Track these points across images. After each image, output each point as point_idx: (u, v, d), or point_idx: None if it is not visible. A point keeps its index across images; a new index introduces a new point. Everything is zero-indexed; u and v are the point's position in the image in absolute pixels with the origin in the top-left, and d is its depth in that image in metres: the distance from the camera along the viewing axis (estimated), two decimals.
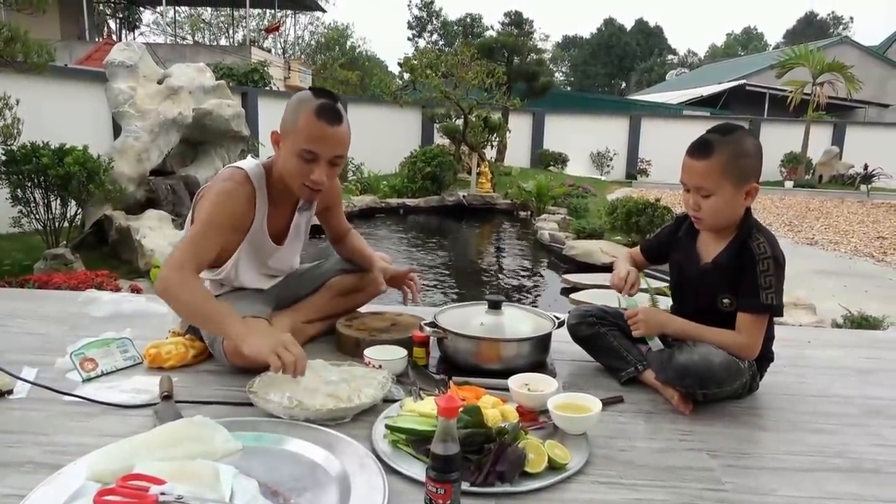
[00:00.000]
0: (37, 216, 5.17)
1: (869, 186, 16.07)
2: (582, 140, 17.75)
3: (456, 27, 38.08)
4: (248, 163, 1.85)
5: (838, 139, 18.36)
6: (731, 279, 1.67)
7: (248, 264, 1.92)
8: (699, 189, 1.65)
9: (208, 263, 1.79)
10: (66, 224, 5.35)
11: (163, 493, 1.07)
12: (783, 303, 1.66)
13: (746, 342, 1.65)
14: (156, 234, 5.59)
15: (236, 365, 1.77)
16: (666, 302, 1.88)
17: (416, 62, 12.85)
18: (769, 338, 1.76)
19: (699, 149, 1.65)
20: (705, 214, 1.67)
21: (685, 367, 1.59)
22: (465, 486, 1.19)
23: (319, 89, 1.79)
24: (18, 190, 5.00)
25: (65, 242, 5.28)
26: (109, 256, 5.71)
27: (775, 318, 1.71)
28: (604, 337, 1.87)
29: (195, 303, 1.66)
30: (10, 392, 1.61)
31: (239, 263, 1.89)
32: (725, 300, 1.69)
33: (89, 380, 1.72)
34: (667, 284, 1.91)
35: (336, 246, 2.23)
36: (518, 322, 1.91)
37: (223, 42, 31.17)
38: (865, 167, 16.60)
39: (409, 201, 10.86)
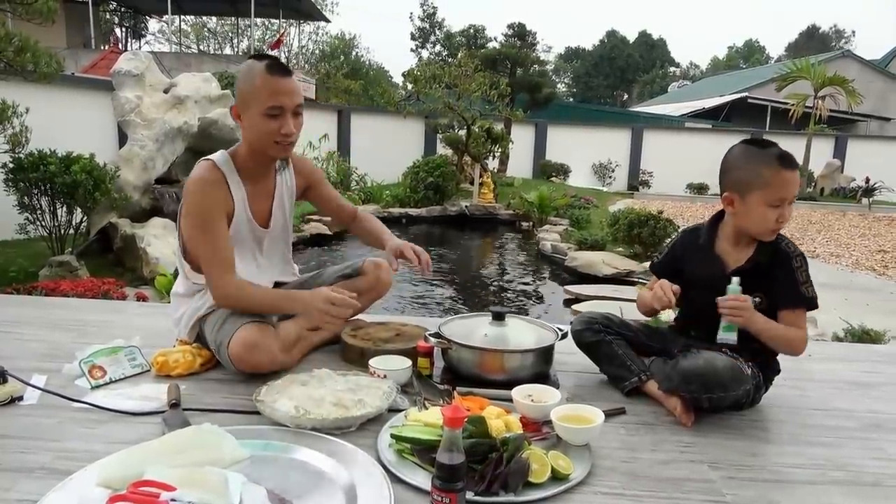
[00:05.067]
0: (43, 223, 5.20)
1: (870, 199, 16.09)
2: (584, 151, 17.82)
3: (459, 38, 38.25)
4: (216, 155, 1.93)
5: (840, 152, 18.41)
6: (767, 279, 1.72)
7: (243, 262, 1.95)
8: (792, 199, 1.68)
9: (232, 256, 1.87)
10: (71, 231, 5.39)
11: (173, 500, 1.09)
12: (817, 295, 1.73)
13: (805, 335, 1.72)
14: (160, 241, 5.62)
15: (242, 371, 1.80)
16: (668, 314, 1.90)
17: (419, 73, 12.93)
18: (774, 351, 1.79)
19: (792, 161, 1.68)
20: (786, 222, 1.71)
21: (690, 372, 1.62)
22: (469, 495, 1.21)
23: (259, 54, 1.92)
24: (25, 197, 5.04)
25: (70, 249, 5.32)
26: (114, 264, 5.74)
27: None
28: (609, 345, 1.88)
29: (257, 304, 1.87)
30: (20, 398, 1.63)
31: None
32: (757, 299, 1.72)
33: (98, 387, 1.74)
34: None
35: (350, 226, 2.28)
36: (521, 333, 1.93)
37: (228, 51, 31.37)
38: (867, 180, 16.63)
39: (412, 211, 10.89)
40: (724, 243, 1.81)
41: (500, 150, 14.01)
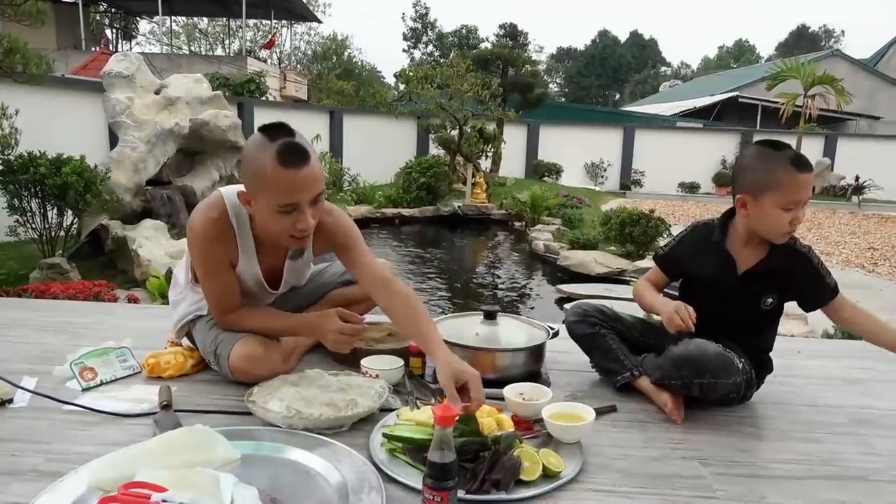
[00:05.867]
0: (33, 225, 5.18)
1: (860, 198, 16.21)
2: (576, 151, 17.85)
3: (451, 39, 38.29)
4: (230, 194, 1.72)
5: (830, 151, 18.53)
6: (782, 280, 1.73)
7: (249, 298, 1.89)
8: (805, 201, 1.68)
9: (237, 294, 1.81)
10: (62, 233, 5.36)
11: (164, 501, 1.09)
12: None
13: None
14: (152, 243, 5.60)
15: (243, 381, 1.76)
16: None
17: (411, 74, 12.93)
18: (769, 349, 1.81)
19: (806, 164, 1.66)
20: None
21: (681, 357, 1.64)
22: (460, 493, 1.21)
23: (271, 127, 1.59)
24: (15, 199, 5.01)
25: (61, 252, 5.29)
26: (105, 266, 5.72)
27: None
28: (603, 338, 1.88)
29: (264, 331, 1.82)
30: (10, 401, 1.63)
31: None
32: (769, 300, 1.74)
33: (88, 389, 1.74)
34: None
35: (379, 300, 1.79)
36: (513, 332, 1.93)
37: (219, 52, 31.27)
38: (857, 179, 16.76)
39: (405, 211, 10.89)
40: (735, 243, 1.79)
41: (492, 150, 14.03)
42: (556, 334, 1.97)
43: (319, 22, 28.57)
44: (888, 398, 1.95)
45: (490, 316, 1.95)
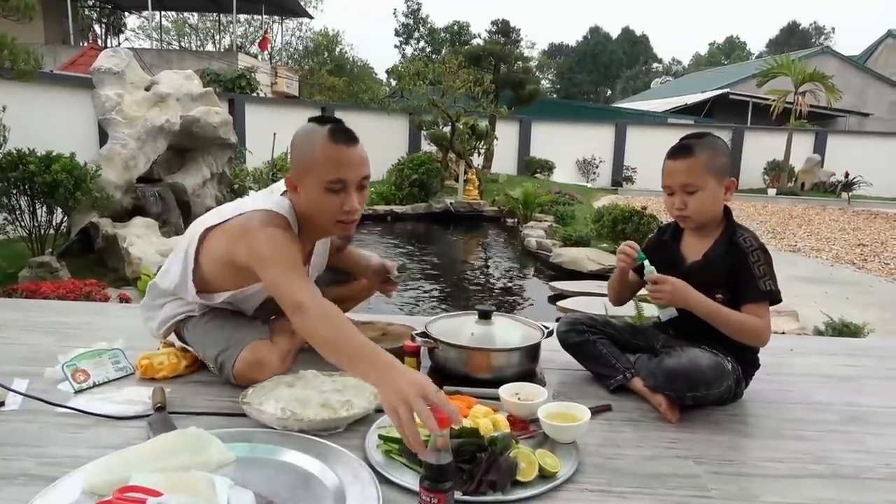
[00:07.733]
0: (22, 223, 5.14)
1: (850, 194, 16.33)
2: (568, 147, 17.89)
3: (443, 35, 38.19)
4: (281, 205, 1.69)
5: (820, 147, 18.65)
6: (722, 274, 1.74)
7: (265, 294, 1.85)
8: (685, 187, 1.74)
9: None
10: (51, 231, 5.32)
11: None
12: (779, 289, 1.74)
13: (765, 324, 1.71)
14: (142, 241, 5.57)
15: (240, 385, 1.73)
16: (651, 309, 1.92)
17: (403, 70, 12.91)
18: (756, 347, 1.81)
19: (681, 151, 1.76)
20: (692, 211, 1.75)
21: (674, 371, 1.64)
22: (457, 495, 1.21)
23: (321, 117, 1.70)
24: (4, 197, 4.98)
25: (50, 250, 5.25)
26: (95, 264, 5.68)
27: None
28: (593, 344, 1.89)
29: (337, 347, 1.41)
30: (1, 404, 1.61)
31: (260, 293, 1.82)
32: (718, 295, 1.74)
33: (81, 391, 1.72)
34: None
35: (337, 258, 2.08)
36: (508, 332, 1.93)
37: (210, 47, 31.06)
38: (846, 175, 16.89)
39: (397, 208, 10.88)
40: (690, 237, 1.87)
41: (484, 146, 14.04)
42: (550, 333, 1.97)
43: (311, 17, 28.44)
44: (879, 395, 1.96)
45: (485, 315, 1.94)
